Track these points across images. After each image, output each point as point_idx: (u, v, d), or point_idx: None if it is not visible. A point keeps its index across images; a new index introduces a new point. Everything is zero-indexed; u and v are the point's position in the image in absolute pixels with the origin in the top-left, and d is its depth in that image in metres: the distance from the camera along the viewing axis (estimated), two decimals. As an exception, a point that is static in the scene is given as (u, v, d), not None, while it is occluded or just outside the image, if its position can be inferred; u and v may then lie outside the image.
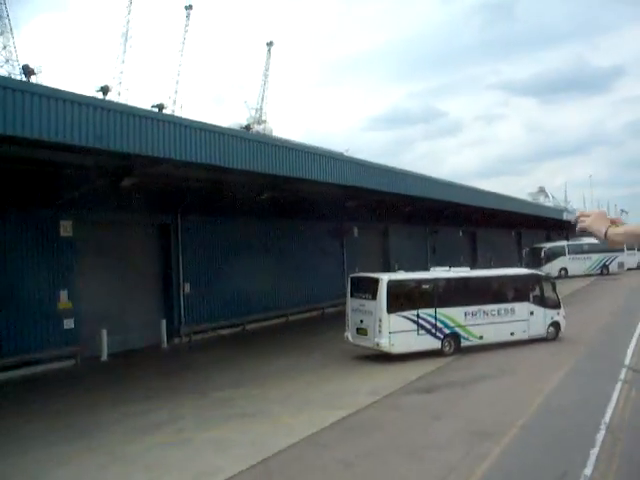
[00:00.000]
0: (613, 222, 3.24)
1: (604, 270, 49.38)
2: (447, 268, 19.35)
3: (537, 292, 19.75)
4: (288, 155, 18.16)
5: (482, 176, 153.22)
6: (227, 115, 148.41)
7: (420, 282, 18.38)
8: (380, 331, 16.92)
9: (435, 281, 18.39)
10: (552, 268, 47.24)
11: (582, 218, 3.31)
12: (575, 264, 48.21)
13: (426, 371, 16.10)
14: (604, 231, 3.18)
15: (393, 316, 16.98)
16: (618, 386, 13.66)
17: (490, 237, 52.72)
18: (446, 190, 34.08)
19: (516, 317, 18.94)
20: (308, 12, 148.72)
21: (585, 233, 3.34)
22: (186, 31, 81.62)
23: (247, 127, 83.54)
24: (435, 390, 14.15)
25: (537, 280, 20.11)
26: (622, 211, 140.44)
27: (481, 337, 18.34)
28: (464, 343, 18.18)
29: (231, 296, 24.15)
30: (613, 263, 49.91)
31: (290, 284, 26.95)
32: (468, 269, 19.62)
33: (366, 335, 17.45)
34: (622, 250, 49.96)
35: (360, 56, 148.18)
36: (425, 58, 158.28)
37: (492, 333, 18.43)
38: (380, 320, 16.90)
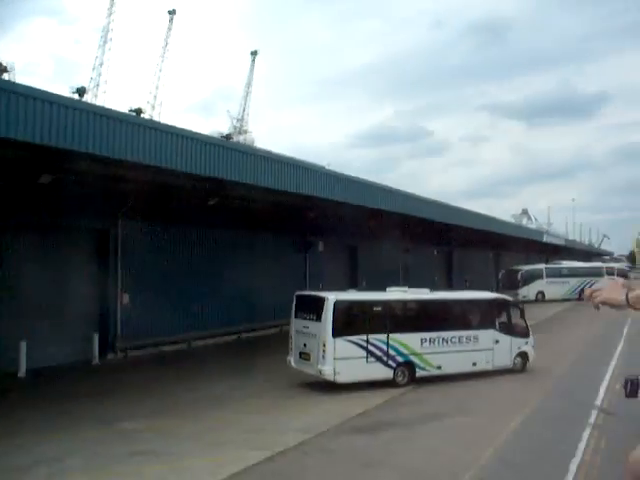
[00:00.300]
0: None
1: (583, 295, 47.52)
2: (404, 289, 17.44)
3: (504, 318, 17.84)
4: (233, 157, 16.34)
5: (467, 197, 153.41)
6: (210, 124, 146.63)
7: (371, 304, 16.26)
8: (324, 357, 14.91)
9: (388, 303, 16.37)
10: (529, 291, 45.67)
11: (595, 294, 3.30)
12: (553, 288, 46.51)
13: (372, 405, 14.09)
14: (624, 297, 3.13)
15: (339, 340, 14.98)
16: (586, 433, 11.69)
17: (467, 258, 51.02)
18: (419, 206, 32.39)
19: (479, 346, 16.97)
20: (299, 26, 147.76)
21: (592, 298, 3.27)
22: (168, 36, 79.77)
23: (227, 136, 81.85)
24: (376, 430, 12.10)
25: (504, 305, 18.17)
26: (604, 236, 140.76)
27: (439, 367, 16.36)
28: (420, 373, 16.19)
29: (176, 309, 22.09)
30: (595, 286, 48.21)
31: (245, 298, 24.87)
32: (427, 291, 17.59)
33: (309, 361, 15.45)
34: (601, 274, 48.44)
35: (349, 73, 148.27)
36: (414, 78, 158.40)
37: (452, 363, 16.46)
38: (324, 345, 14.90)
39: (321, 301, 15.26)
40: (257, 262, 25.96)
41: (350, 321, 15.68)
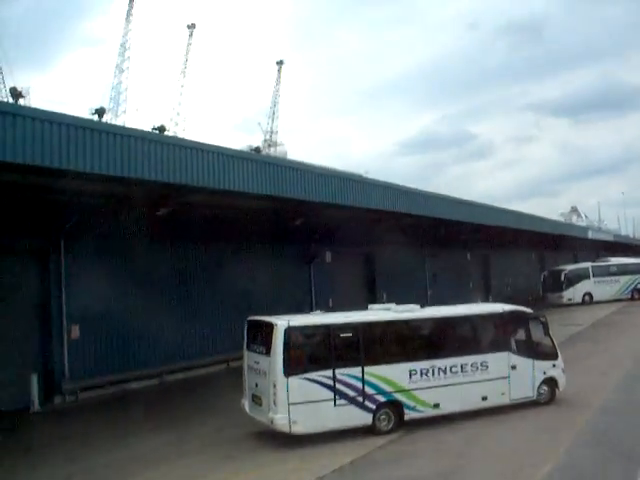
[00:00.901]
0: None
1: (635, 294, 42.63)
2: (389, 306, 13.55)
3: (522, 337, 13.82)
4: (191, 157, 13.98)
5: (515, 198, 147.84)
6: (252, 140, 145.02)
7: (339, 328, 12.10)
8: (275, 402, 11.18)
9: (362, 327, 12.32)
10: (575, 293, 40.91)
11: None
12: (601, 288, 41.57)
13: (334, 468, 10.29)
14: None
15: (295, 380, 11.21)
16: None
17: (506, 260, 46.43)
18: (446, 206, 28.58)
19: (490, 374, 12.93)
20: (336, 36, 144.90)
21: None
22: (188, 51, 77.48)
23: (257, 149, 79.08)
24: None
25: (521, 320, 14.01)
26: None
27: (436, 405, 12.40)
28: (410, 415, 12.25)
29: (143, 339, 18.71)
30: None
31: (231, 321, 21.28)
32: (417, 307, 13.66)
33: (261, 406, 11.76)
34: None
35: (390, 81, 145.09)
36: (455, 82, 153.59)
37: (453, 399, 12.48)
38: (274, 386, 11.18)
39: (269, 328, 11.53)
40: (248, 279, 22.36)
41: (310, 353, 11.91)
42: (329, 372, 11.48)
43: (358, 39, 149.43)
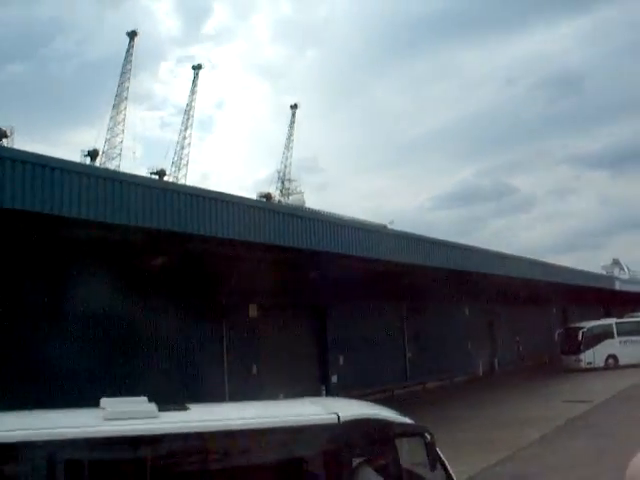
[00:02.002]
0: None
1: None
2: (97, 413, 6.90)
3: (381, 466, 7.10)
4: None
5: (556, 251, 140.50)
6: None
7: None
8: None
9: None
10: (596, 356, 33.34)
11: None
12: (629, 349, 33.85)
13: None
14: None
15: None
16: None
17: (518, 316, 39.10)
18: (426, 252, 22.46)
19: None
20: (374, 92, 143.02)
21: None
22: (194, 93, 73.48)
23: (267, 196, 73.89)
24: None
25: (378, 440, 7.29)
26: None
27: None
28: None
29: None
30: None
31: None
32: (154, 409, 6.93)
33: None
34: None
35: (428, 136, 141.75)
36: (493, 136, 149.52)
37: None
38: None
39: None
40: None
41: None
42: None
43: (397, 94, 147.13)
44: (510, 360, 37.27)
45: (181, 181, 67.78)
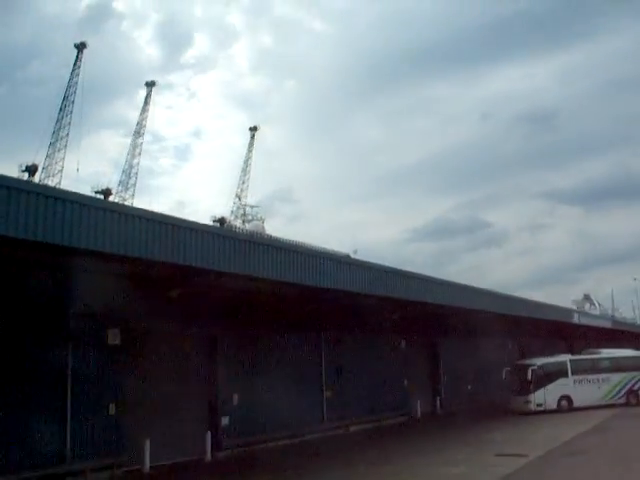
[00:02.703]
0: None
1: (631, 398, 31.07)
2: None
3: None
4: None
5: (531, 286, 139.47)
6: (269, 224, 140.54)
7: None
8: None
9: None
10: (547, 397, 29.52)
11: None
12: (584, 390, 30.03)
13: None
14: None
15: None
16: None
17: (467, 350, 35.23)
18: (350, 276, 18.72)
19: None
20: (349, 126, 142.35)
21: None
22: (146, 109, 69.92)
23: (221, 221, 70.16)
24: None
25: None
26: None
27: None
28: None
29: None
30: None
31: None
32: None
33: None
34: None
35: (404, 170, 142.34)
36: (468, 171, 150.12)
37: None
38: None
39: None
40: None
41: None
42: None
43: (375, 127, 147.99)
44: (457, 400, 33.28)
45: (128, 201, 63.79)
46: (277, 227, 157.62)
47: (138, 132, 75.28)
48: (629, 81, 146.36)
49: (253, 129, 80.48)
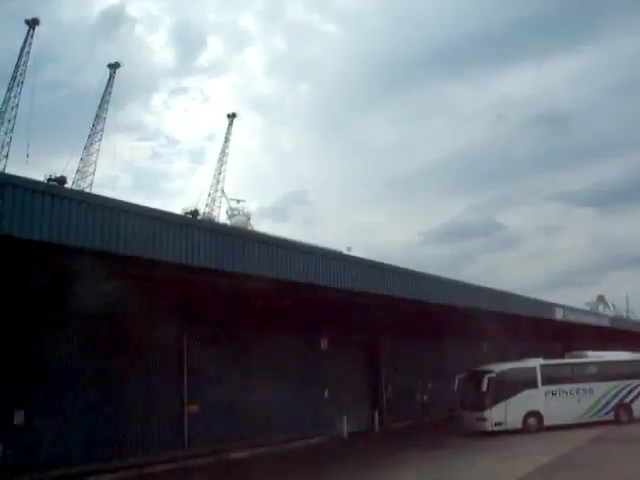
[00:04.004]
0: None
1: (622, 413, 24.12)
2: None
3: None
4: None
5: (546, 288, 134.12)
6: (285, 228, 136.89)
7: None
8: None
9: None
10: (509, 413, 22.60)
11: None
12: (559, 404, 23.04)
13: None
14: None
15: None
16: None
17: (424, 353, 28.46)
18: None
19: None
20: (365, 127, 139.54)
21: None
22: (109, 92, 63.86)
23: (193, 213, 63.87)
24: None
25: None
26: None
27: None
28: None
29: None
30: (641, 399, 24.78)
31: None
32: None
33: None
34: None
35: (419, 171, 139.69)
36: (483, 172, 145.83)
37: None
38: None
39: None
40: None
41: None
42: None
43: (389, 129, 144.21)
44: (407, 414, 26.50)
45: (87, 190, 57.96)
46: (292, 230, 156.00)
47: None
48: None
49: (232, 116, 74.12)
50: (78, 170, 61.37)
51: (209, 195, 69.52)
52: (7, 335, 13.66)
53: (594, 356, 25.82)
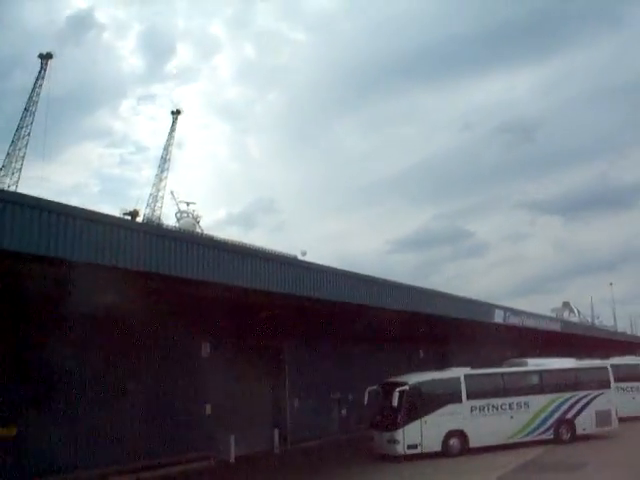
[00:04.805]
0: None
1: (564, 431, 20.51)
2: None
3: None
4: None
5: (514, 295, 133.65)
6: (250, 236, 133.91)
7: None
8: None
9: None
10: (425, 432, 18.75)
11: None
12: (488, 421, 19.25)
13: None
14: None
15: None
16: None
17: (344, 360, 24.53)
18: None
19: None
20: (332, 135, 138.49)
21: None
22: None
23: (132, 214, 59.36)
24: None
25: None
26: None
27: None
28: None
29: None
30: (585, 412, 20.99)
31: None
32: None
33: None
34: (607, 380, 21.82)
35: (387, 179, 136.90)
36: (450, 180, 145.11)
37: None
38: None
39: None
40: None
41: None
42: None
43: (358, 137, 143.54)
44: (318, 431, 22.56)
45: (12, 188, 53.52)
46: (259, 237, 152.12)
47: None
48: (607, 93, 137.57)
49: (176, 113, 69.89)
50: (3, 166, 56.09)
51: (150, 195, 65.01)
52: None
53: (535, 364, 22.14)
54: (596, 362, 24.21)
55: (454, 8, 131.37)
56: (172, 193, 69.65)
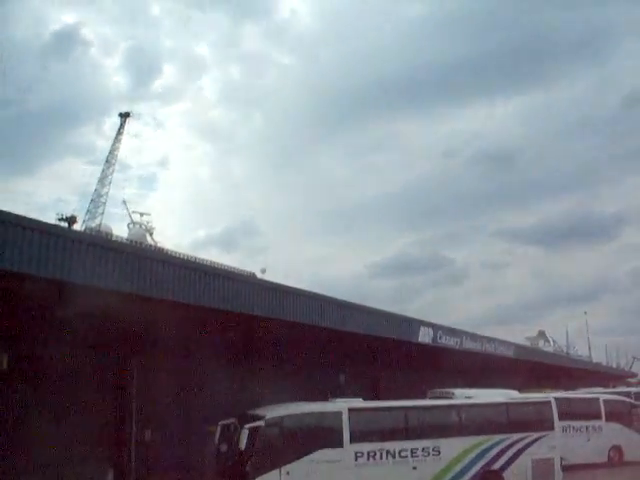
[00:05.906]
0: None
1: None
2: None
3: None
4: None
5: (490, 324, 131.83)
6: (231, 258, 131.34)
7: None
8: None
9: None
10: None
11: None
12: (378, 475, 14.01)
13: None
14: None
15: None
16: None
17: (226, 380, 19.26)
18: None
19: None
20: (315, 161, 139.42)
21: None
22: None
23: (69, 220, 54.55)
24: None
25: None
26: (634, 358, 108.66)
27: None
28: None
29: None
30: (519, 462, 15.88)
31: None
32: None
33: None
34: (550, 419, 16.68)
35: (367, 205, 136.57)
36: (431, 206, 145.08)
37: None
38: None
39: None
40: None
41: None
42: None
43: (340, 162, 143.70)
44: (182, 469, 17.30)
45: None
46: (239, 259, 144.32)
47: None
48: (586, 124, 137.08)
49: (125, 115, 65.40)
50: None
51: (91, 201, 59.99)
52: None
53: (462, 395, 17.01)
54: (536, 395, 19.11)
55: (437, 38, 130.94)
56: (124, 202, 65.29)
